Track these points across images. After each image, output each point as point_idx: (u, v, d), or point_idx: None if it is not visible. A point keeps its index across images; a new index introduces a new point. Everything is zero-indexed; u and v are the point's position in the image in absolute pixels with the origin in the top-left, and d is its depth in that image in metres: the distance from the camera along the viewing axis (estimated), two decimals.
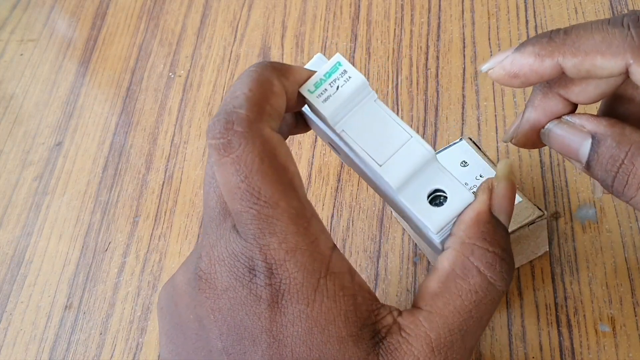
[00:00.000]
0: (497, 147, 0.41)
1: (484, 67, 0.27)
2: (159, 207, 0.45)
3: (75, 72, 0.54)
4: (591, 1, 0.45)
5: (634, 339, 0.33)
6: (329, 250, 0.25)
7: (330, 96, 0.26)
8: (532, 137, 0.29)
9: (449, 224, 0.26)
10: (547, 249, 0.36)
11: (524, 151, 0.40)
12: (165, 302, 0.27)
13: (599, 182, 0.26)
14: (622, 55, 0.24)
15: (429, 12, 0.48)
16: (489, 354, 0.34)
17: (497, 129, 0.41)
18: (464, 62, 0.45)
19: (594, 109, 0.30)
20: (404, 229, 0.39)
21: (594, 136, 0.25)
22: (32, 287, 0.43)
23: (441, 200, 0.26)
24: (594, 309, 0.34)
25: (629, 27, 0.24)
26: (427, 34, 0.47)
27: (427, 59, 0.46)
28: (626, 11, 0.44)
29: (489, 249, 0.25)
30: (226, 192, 0.24)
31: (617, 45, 0.24)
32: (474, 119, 0.42)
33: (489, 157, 0.35)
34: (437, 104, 0.44)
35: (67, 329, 0.41)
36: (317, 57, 0.28)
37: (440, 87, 0.45)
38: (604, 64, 0.24)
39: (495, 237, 0.25)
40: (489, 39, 0.46)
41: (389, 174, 0.26)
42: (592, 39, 0.24)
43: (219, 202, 0.26)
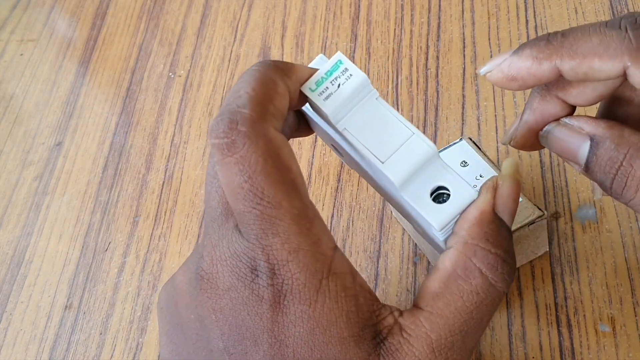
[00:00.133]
0: (497, 147, 0.41)
1: (482, 70, 0.27)
2: (159, 207, 0.45)
3: (75, 72, 0.54)
4: (591, 1, 0.45)
5: (634, 339, 0.33)
6: (331, 250, 0.25)
7: (331, 94, 0.26)
8: (531, 140, 0.29)
9: (452, 222, 0.26)
10: (547, 249, 0.36)
11: (524, 152, 0.40)
12: (165, 302, 0.27)
13: (598, 184, 0.26)
14: (620, 57, 0.24)
15: (429, 12, 0.48)
16: (489, 354, 0.34)
17: (497, 129, 0.41)
18: (464, 62, 0.45)
19: (593, 111, 0.30)
20: (404, 229, 0.39)
21: (592, 138, 0.25)
22: (32, 287, 0.43)
23: (444, 197, 0.26)
24: (594, 309, 0.34)
25: (627, 30, 0.24)
26: (427, 34, 0.47)
27: (427, 59, 0.46)
28: (626, 11, 0.44)
29: (491, 250, 0.25)
30: (229, 192, 0.24)
31: (614, 47, 0.24)
32: (474, 119, 0.42)
33: (489, 157, 0.35)
34: (437, 104, 0.44)
35: (67, 329, 0.41)
36: (318, 57, 0.28)
37: (440, 87, 0.45)
38: (601, 66, 0.24)
39: (497, 238, 0.25)
40: (489, 39, 0.46)
41: (392, 170, 0.26)
42: (590, 42, 0.24)
43: (221, 202, 0.26)
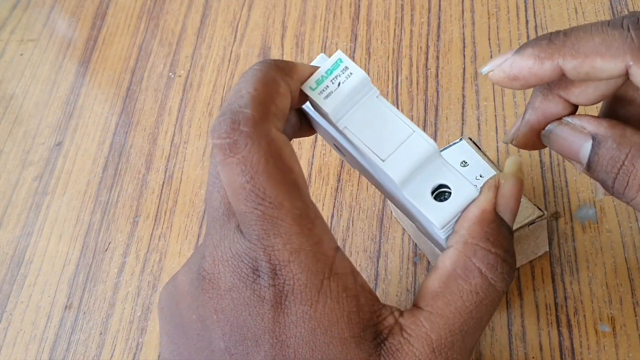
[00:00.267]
0: (497, 147, 0.41)
1: (484, 70, 0.27)
2: (159, 207, 0.45)
3: (75, 72, 0.54)
4: (591, 1, 0.45)
5: (634, 339, 0.33)
6: (333, 251, 0.25)
7: (331, 92, 0.26)
8: (533, 139, 0.29)
9: (453, 220, 0.26)
10: (547, 249, 0.36)
11: (524, 151, 0.40)
12: (166, 302, 0.27)
13: (600, 183, 0.26)
14: (622, 57, 0.24)
15: (429, 12, 0.48)
16: (489, 354, 0.34)
17: (497, 129, 0.41)
18: (464, 62, 0.45)
19: (595, 111, 0.30)
20: (404, 229, 0.39)
21: (594, 137, 0.25)
22: (32, 287, 0.43)
23: (445, 195, 0.26)
24: (594, 309, 0.34)
25: (629, 29, 0.24)
26: (427, 34, 0.47)
27: (427, 59, 0.46)
28: (626, 11, 0.44)
29: (491, 250, 0.25)
30: (231, 192, 0.24)
31: (616, 47, 0.24)
32: (474, 119, 0.42)
33: (489, 157, 0.35)
34: (437, 104, 0.44)
35: (67, 329, 0.41)
36: (320, 57, 0.28)
37: (440, 87, 0.45)
38: (603, 65, 0.24)
39: (498, 238, 0.25)
40: (489, 39, 0.46)
41: (392, 169, 0.26)
42: (592, 41, 0.24)
43: (223, 202, 0.26)
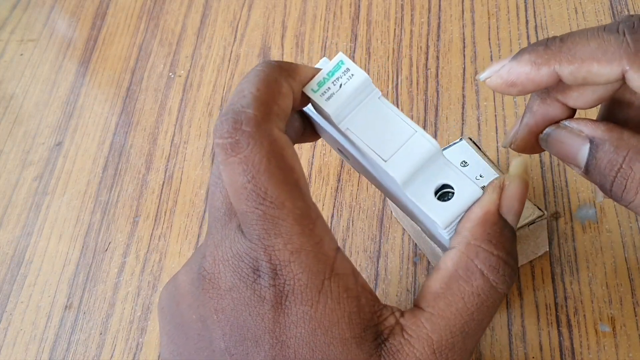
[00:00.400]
0: (497, 147, 0.41)
1: (481, 76, 0.27)
2: (159, 207, 0.45)
3: (75, 72, 0.54)
4: (591, 1, 0.45)
5: (634, 339, 0.33)
6: (334, 251, 0.25)
7: (333, 94, 0.26)
8: (531, 142, 0.29)
9: (457, 219, 0.26)
10: (547, 249, 0.36)
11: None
12: (166, 302, 0.27)
13: (598, 186, 0.26)
14: (618, 61, 0.24)
15: (429, 12, 0.48)
16: (489, 354, 0.34)
17: (497, 129, 0.41)
18: (464, 62, 0.45)
19: (594, 114, 0.30)
20: (404, 229, 0.39)
21: (592, 141, 0.25)
22: (32, 287, 0.43)
23: (449, 195, 0.26)
24: (594, 309, 0.34)
25: (625, 34, 0.24)
26: (427, 34, 0.47)
27: (427, 59, 0.46)
28: (626, 11, 0.44)
29: (493, 252, 0.25)
30: (232, 192, 0.24)
31: (612, 52, 0.24)
32: (474, 119, 0.42)
33: (489, 157, 0.35)
34: (437, 104, 0.44)
35: (67, 329, 0.41)
36: (322, 61, 0.28)
37: (440, 87, 0.45)
38: (600, 70, 0.24)
39: (500, 240, 0.25)
40: (489, 39, 0.46)
41: (394, 169, 0.26)
42: (588, 46, 0.24)
43: (225, 202, 0.26)
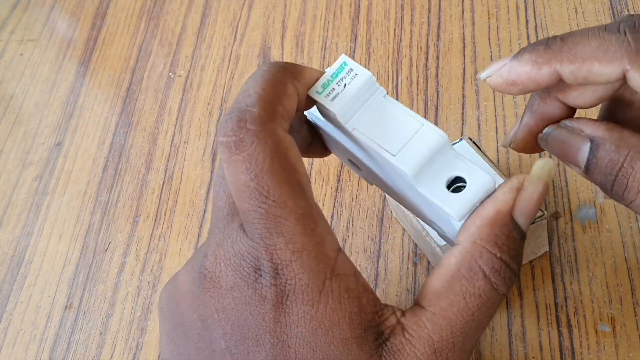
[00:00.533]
0: (497, 147, 0.41)
1: (482, 75, 0.27)
2: (159, 207, 0.45)
3: (75, 72, 0.54)
4: (591, 1, 0.45)
5: (634, 339, 0.33)
6: (335, 252, 0.25)
7: (338, 94, 0.26)
8: (531, 142, 0.29)
9: (471, 210, 0.25)
10: (547, 249, 0.36)
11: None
12: (166, 302, 0.27)
13: (599, 186, 0.26)
14: (619, 61, 0.24)
15: (429, 12, 0.49)
16: (489, 354, 0.34)
17: (497, 129, 0.42)
18: (464, 62, 0.45)
19: (594, 114, 0.30)
20: (404, 229, 0.39)
21: (592, 140, 0.25)
22: (32, 287, 0.43)
23: (461, 188, 0.25)
24: (594, 309, 0.34)
25: (625, 33, 0.24)
26: (427, 34, 0.47)
27: (427, 59, 0.46)
28: (626, 11, 0.44)
29: (497, 255, 0.24)
30: (235, 190, 0.24)
31: (613, 51, 0.24)
32: (474, 119, 0.42)
33: (489, 157, 0.35)
34: (437, 104, 0.44)
35: (67, 329, 0.41)
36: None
37: (440, 87, 0.45)
38: (601, 70, 0.24)
39: (506, 242, 0.25)
40: (489, 39, 0.46)
41: (404, 162, 0.25)
42: (589, 46, 0.24)
43: (228, 202, 0.26)
